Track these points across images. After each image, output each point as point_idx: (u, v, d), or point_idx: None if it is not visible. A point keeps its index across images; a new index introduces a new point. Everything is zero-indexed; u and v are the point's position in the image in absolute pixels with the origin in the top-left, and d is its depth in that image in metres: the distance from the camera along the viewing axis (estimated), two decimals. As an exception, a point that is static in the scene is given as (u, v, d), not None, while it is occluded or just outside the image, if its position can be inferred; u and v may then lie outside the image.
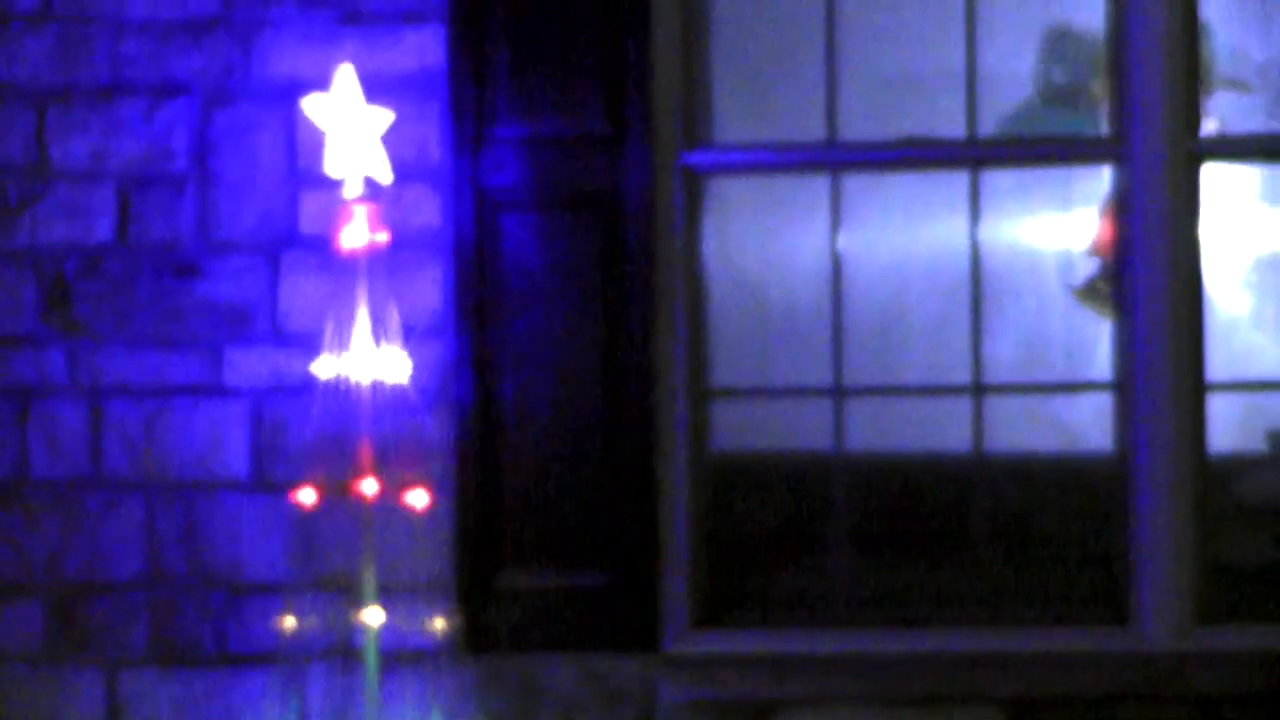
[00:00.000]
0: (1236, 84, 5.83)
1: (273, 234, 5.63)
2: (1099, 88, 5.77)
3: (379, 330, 5.16)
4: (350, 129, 5.19)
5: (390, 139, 5.27)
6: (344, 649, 5.31)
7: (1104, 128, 5.73)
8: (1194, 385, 5.53)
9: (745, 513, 5.74)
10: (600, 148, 5.53)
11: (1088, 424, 5.68)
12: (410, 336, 5.26)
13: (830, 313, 5.67)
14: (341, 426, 5.16)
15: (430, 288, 5.57)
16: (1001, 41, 5.79)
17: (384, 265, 5.20)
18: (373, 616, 5.12)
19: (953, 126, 5.68)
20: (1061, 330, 5.91)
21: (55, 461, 5.65)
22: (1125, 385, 5.57)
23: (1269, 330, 5.90)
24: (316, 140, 5.29)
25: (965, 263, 5.67)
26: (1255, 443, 5.80)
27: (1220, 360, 5.58)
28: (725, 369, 5.71)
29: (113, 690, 5.64)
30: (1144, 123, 5.54)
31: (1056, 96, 5.92)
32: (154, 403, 5.66)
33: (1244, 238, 5.84)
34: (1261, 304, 5.89)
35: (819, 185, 5.70)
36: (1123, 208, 5.60)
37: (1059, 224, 5.89)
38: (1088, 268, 5.88)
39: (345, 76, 5.19)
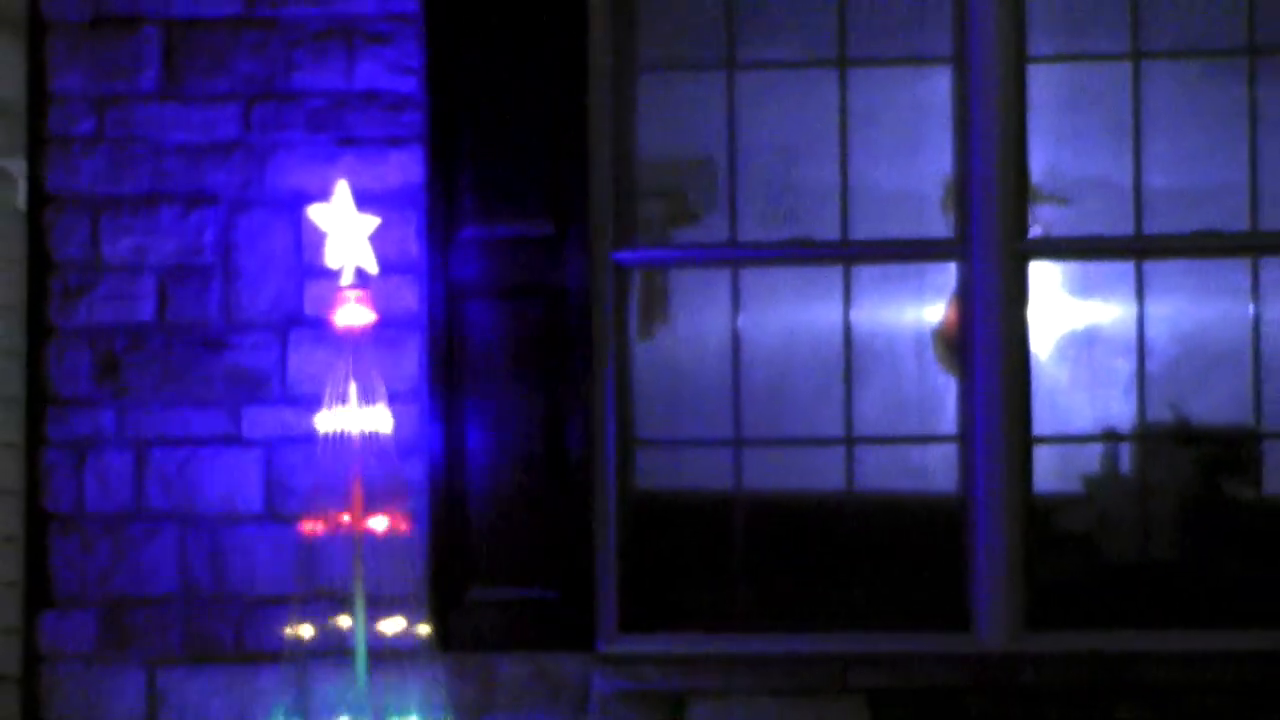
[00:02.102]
0: (1057, 196, 5.95)
1: (283, 315, 5.91)
2: (948, 197, 5.93)
3: (367, 393, 5.38)
4: (345, 231, 5.46)
5: (377, 239, 5.52)
6: (339, 649, 5.41)
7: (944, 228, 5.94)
8: (1022, 438, 5.86)
9: (663, 539, 5.99)
10: (546, 247, 5.82)
11: (937, 468, 5.93)
12: (393, 398, 5.49)
13: (731, 379, 5.98)
14: (337, 470, 5.38)
15: (409, 359, 5.86)
16: (862, 161, 5.98)
17: (372, 340, 5.46)
18: (362, 623, 5.37)
19: (829, 230, 5.99)
20: (916, 393, 5.97)
21: (106, 498, 5.91)
22: (967, 438, 5.89)
23: (1084, 394, 5.95)
24: (318, 240, 5.56)
25: (839, 339, 5.97)
26: (1072, 485, 5.97)
27: (1044, 418, 5.89)
28: (647, 424, 6.00)
29: (152, 683, 5.88)
30: (982, 228, 5.85)
31: (910, 203, 5.97)
32: (186, 451, 5.90)
33: (1064, 319, 5.94)
34: (1077, 373, 5.95)
35: (722, 277, 6.01)
36: (965, 296, 5.89)
37: (914, 309, 5.98)
38: (937, 344, 5.97)
39: (342, 189, 5.48)
